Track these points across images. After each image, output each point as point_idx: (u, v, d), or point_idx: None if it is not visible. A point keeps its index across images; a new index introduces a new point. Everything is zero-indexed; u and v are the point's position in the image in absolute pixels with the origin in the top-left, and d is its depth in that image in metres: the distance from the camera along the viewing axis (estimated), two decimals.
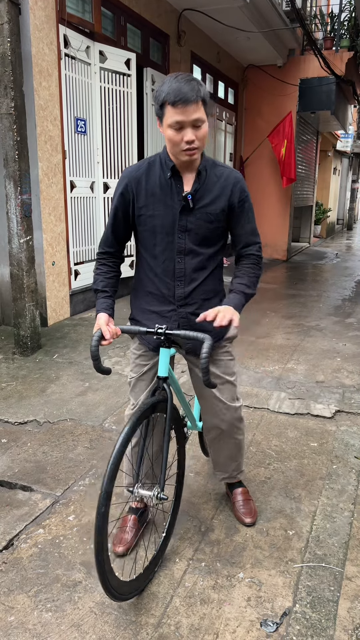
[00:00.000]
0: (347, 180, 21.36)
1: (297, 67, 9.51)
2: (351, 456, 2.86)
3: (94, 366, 1.81)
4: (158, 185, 1.88)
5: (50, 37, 4.69)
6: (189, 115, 1.70)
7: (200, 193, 1.87)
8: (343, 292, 7.44)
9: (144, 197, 1.89)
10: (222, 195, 1.88)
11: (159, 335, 1.79)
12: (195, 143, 1.75)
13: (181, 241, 1.90)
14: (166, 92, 1.69)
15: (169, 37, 6.95)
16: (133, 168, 1.92)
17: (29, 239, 4.23)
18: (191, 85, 1.68)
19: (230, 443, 2.23)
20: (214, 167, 1.91)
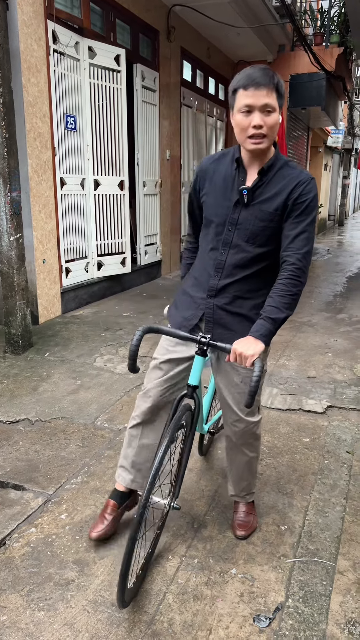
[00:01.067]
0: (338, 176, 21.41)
1: (287, 63, 9.51)
2: (343, 451, 2.88)
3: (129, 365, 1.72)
4: (223, 175, 1.88)
5: (38, 32, 4.66)
6: (259, 99, 1.68)
7: (259, 190, 1.81)
8: (334, 288, 7.47)
9: (207, 185, 1.91)
10: (282, 193, 1.79)
11: (202, 345, 1.75)
12: (263, 129, 1.70)
13: (229, 234, 1.86)
14: (240, 79, 1.71)
15: (159, 32, 6.92)
16: (207, 157, 1.97)
17: (19, 237, 4.20)
18: (265, 72, 1.69)
19: (240, 459, 2.13)
20: (284, 167, 1.83)
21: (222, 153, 1.93)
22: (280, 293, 1.76)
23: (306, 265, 1.78)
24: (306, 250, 1.78)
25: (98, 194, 5.93)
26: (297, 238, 1.78)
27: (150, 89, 6.88)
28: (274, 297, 1.76)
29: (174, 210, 8.00)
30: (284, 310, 1.74)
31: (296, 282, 1.76)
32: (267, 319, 1.74)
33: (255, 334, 1.71)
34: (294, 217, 1.79)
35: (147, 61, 6.80)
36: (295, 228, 1.78)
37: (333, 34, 9.57)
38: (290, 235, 1.79)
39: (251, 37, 8.21)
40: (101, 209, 6.02)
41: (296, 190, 1.78)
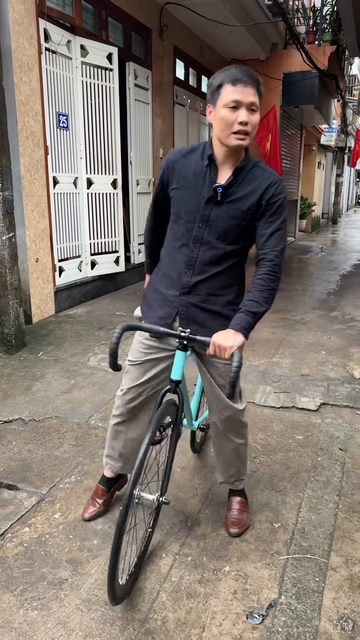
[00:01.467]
0: (332, 174, 21.47)
1: (280, 61, 9.52)
2: (336, 448, 2.89)
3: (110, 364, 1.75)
4: (193, 171, 1.87)
5: (30, 31, 4.64)
6: (247, 97, 1.71)
7: (233, 188, 1.83)
8: (328, 286, 7.49)
9: (176, 179, 1.91)
10: (255, 192, 1.82)
11: (182, 339, 1.76)
12: (247, 126, 1.73)
13: (200, 230, 1.87)
14: (225, 75, 1.72)
15: (151, 31, 6.91)
16: (174, 150, 1.96)
17: (11, 236, 4.19)
18: (250, 72, 1.72)
19: (227, 445, 2.15)
20: (255, 167, 1.87)
21: (192, 148, 1.93)
22: (259, 288, 1.80)
23: (282, 262, 1.85)
24: (281, 247, 1.85)
25: (91, 192, 5.92)
26: (272, 236, 1.83)
27: (143, 87, 6.86)
28: (254, 291, 1.80)
29: None
30: (263, 305, 1.78)
31: (274, 278, 1.82)
32: (247, 313, 1.76)
33: (235, 326, 1.73)
34: (267, 217, 1.83)
35: (139, 59, 6.79)
36: (270, 227, 1.83)
37: (325, 33, 9.59)
38: (265, 233, 1.83)
39: (244, 36, 8.22)
40: (94, 207, 6.01)
41: (269, 191, 1.82)
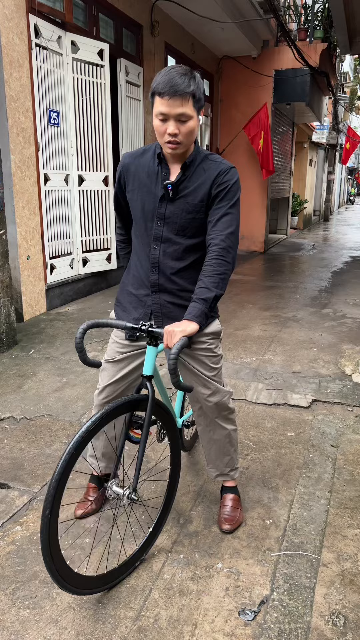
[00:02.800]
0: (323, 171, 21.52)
1: (272, 58, 9.52)
2: (327, 445, 2.90)
3: (80, 358, 1.79)
4: (146, 171, 1.90)
5: (20, 26, 4.60)
6: (174, 109, 1.69)
7: (183, 184, 1.86)
8: (319, 283, 7.52)
9: (132, 181, 1.94)
10: (205, 184, 1.85)
11: (142, 332, 1.77)
12: (178, 137, 1.74)
13: (158, 228, 1.90)
14: (157, 82, 1.69)
15: (142, 27, 6.88)
16: (128, 154, 1.97)
17: (2, 233, 4.16)
18: (183, 79, 1.67)
19: (219, 432, 2.17)
20: (205, 160, 1.88)
21: (144, 149, 1.96)
22: (208, 274, 1.80)
23: (231, 245, 1.83)
24: (230, 231, 1.83)
25: (82, 189, 5.90)
26: (220, 221, 1.83)
27: (135, 84, 6.84)
28: (203, 278, 1.81)
29: None
30: (213, 290, 1.78)
31: (222, 262, 1.81)
32: (198, 300, 1.77)
33: (187, 316, 1.75)
34: (216, 203, 1.85)
35: (131, 56, 6.76)
36: (218, 212, 1.84)
37: (317, 30, 9.59)
38: (213, 219, 1.85)
39: (235, 33, 8.21)
40: (86, 204, 5.99)
41: (217, 179, 1.84)
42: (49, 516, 1.55)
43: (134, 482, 1.84)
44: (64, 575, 1.64)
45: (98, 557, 2.05)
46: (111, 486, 1.83)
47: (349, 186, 40.55)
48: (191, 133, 1.77)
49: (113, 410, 1.74)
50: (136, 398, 1.83)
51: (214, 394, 2.08)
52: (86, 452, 2.27)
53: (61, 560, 1.62)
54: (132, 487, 1.83)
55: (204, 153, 1.90)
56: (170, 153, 1.81)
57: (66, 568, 1.65)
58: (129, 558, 1.95)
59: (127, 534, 2.17)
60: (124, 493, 1.81)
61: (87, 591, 1.77)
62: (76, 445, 1.62)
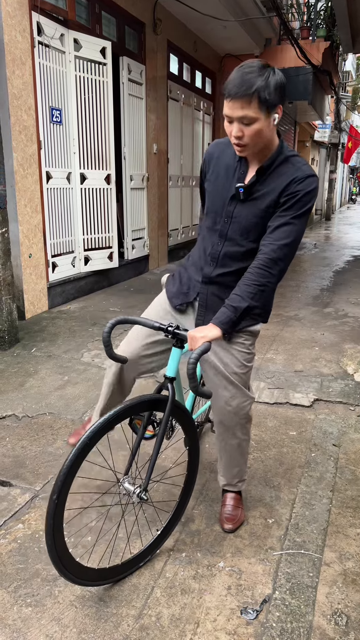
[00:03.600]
0: (325, 170, 21.49)
1: (274, 56, 9.50)
2: (329, 444, 2.90)
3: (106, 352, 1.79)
4: (225, 165, 1.88)
5: (23, 24, 4.60)
6: (235, 112, 1.64)
7: (255, 187, 1.81)
8: (321, 282, 7.51)
9: (211, 171, 1.92)
10: (275, 190, 1.77)
11: (167, 333, 1.76)
12: (243, 140, 1.69)
13: (225, 226, 1.88)
14: (227, 82, 1.64)
15: (145, 25, 6.87)
16: (215, 142, 1.96)
17: (4, 231, 4.16)
18: (247, 78, 1.58)
19: (232, 442, 2.11)
20: (285, 162, 1.79)
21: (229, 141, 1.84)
22: (246, 282, 1.75)
23: (281, 258, 1.74)
24: (285, 242, 1.74)
25: (84, 188, 5.89)
26: (278, 229, 1.75)
27: (137, 82, 6.83)
28: (241, 285, 1.76)
29: (161, 204, 7.98)
30: (247, 300, 1.73)
31: (265, 273, 1.74)
32: (228, 307, 1.74)
33: (214, 320, 1.73)
34: (281, 210, 1.76)
35: (133, 54, 6.76)
36: (279, 219, 1.75)
37: (319, 28, 9.58)
38: (272, 225, 1.77)
39: (238, 31, 8.19)
40: (88, 203, 5.99)
41: (289, 187, 1.75)
42: (56, 501, 1.56)
43: (145, 482, 1.83)
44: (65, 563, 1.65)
45: (102, 552, 2.05)
46: (123, 482, 1.82)
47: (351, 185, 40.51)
48: (258, 135, 1.68)
49: (131, 408, 1.74)
50: (157, 398, 1.83)
51: (235, 396, 1.99)
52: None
53: (64, 547, 1.63)
54: (143, 487, 1.82)
55: (286, 154, 1.80)
56: (239, 153, 1.77)
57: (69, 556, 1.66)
58: (133, 557, 1.94)
59: (133, 533, 2.16)
60: (134, 491, 1.81)
61: (87, 582, 1.77)
62: (91, 435, 1.63)
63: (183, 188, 8.96)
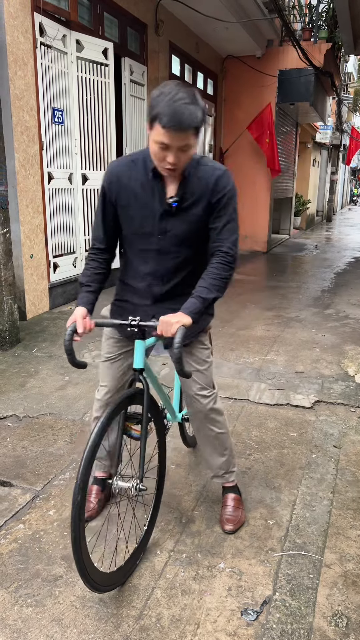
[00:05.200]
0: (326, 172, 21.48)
1: (276, 58, 9.50)
2: (330, 445, 2.90)
3: (68, 361, 1.80)
4: (140, 185, 1.85)
5: (25, 25, 4.61)
6: (175, 142, 1.65)
7: (183, 198, 1.84)
8: (322, 284, 7.51)
9: (125, 196, 1.87)
10: (204, 196, 1.83)
11: (133, 327, 1.79)
12: (177, 165, 1.72)
13: (160, 242, 1.89)
14: (161, 110, 1.60)
15: (147, 26, 6.88)
16: (115, 164, 1.90)
17: (5, 232, 4.17)
18: (189, 111, 1.61)
19: (208, 435, 2.19)
20: (198, 167, 1.84)
21: (131, 159, 1.89)
22: (212, 275, 1.83)
23: (236, 252, 1.87)
24: (234, 237, 1.87)
25: (86, 188, 5.90)
26: (225, 228, 1.86)
27: (139, 83, 6.84)
28: (207, 278, 1.83)
29: None
30: (214, 292, 1.81)
31: (227, 267, 1.85)
32: (197, 298, 1.79)
33: (184, 310, 1.77)
34: (217, 211, 1.85)
35: (135, 55, 6.76)
36: (221, 220, 1.85)
37: (321, 30, 9.58)
38: (217, 227, 1.86)
39: (240, 32, 8.20)
40: (89, 203, 5.99)
41: (216, 187, 1.83)
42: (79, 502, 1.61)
43: (140, 472, 1.84)
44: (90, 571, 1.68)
45: (107, 555, 2.05)
46: (116, 482, 1.84)
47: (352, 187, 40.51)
48: (190, 158, 1.74)
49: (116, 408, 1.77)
50: (132, 392, 1.85)
51: (204, 389, 2.11)
52: None
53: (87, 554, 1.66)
54: (139, 478, 1.83)
55: (195, 158, 1.85)
56: (167, 175, 1.78)
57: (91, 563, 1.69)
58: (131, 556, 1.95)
59: (130, 530, 2.17)
60: (132, 485, 1.82)
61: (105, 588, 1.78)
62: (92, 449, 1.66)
63: None
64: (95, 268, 1.99)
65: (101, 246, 1.99)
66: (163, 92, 1.63)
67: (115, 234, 1.99)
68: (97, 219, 1.97)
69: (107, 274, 2.03)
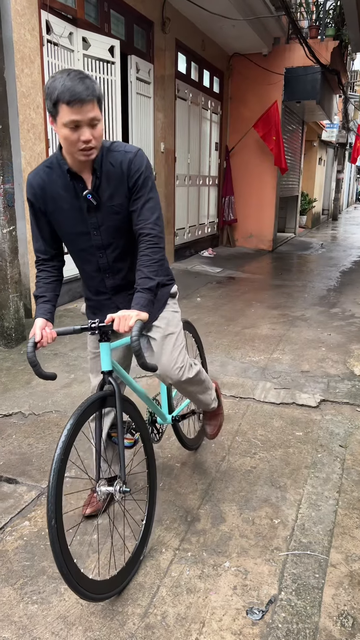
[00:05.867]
0: (332, 170, 21.41)
1: (283, 55, 9.47)
2: (336, 445, 2.89)
3: (35, 372, 1.77)
4: (62, 188, 1.84)
5: (32, 22, 4.60)
6: (86, 114, 1.64)
7: (101, 188, 1.82)
8: (328, 282, 7.48)
9: (51, 203, 1.87)
10: (121, 181, 1.82)
11: (93, 331, 1.77)
12: (92, 142, 1.70)
13: (97, 237, 1.90)
14: (60, 91, 1.61)
15: (154, 24, 6.86)
16: (33, 175, 1.88)
17: (12, 229, 4.17)
18: (86, 84, 1.62)
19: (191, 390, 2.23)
20: (108, 154, 1.82)
21: (45, 165, 1.87)
22: (146, 264, 1.81)
23: (161, 231, 1.85)
24: (156, 216, 1.85)
25: None
26: (144, 208, 1.83)
27: (145, 81, 6.83)
28: (142, 268, 1.81)
29: (168, 202, 7.97)
30: (155, 278, 1.81)
31: (156, 249, 1.83)
32: (143, 290, 1.79)
33: (136, 306, 1.75)
34: (136, 193, 1.83)
35: (141, 53, 6.75)
36: (139, 201, 1.83)
37: (328, 27, 9.54)
38: (137, 208, 1.84)
39: (246, 30, 8.17)
40: None
41: (130, 170, 1.81)
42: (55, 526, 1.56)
43: (122, 474, 1.82)
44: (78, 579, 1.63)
45: (105, 561, 2.05)
46: (100, 488, 1.81)
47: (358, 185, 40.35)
48: (101, 135, 1.74)
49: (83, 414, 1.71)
50: (101, 396, 1.80)
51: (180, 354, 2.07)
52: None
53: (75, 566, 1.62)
54: (122, 480, 1.82)
55: (105, 146, 1.84)
56: (85, 160, 1.75)
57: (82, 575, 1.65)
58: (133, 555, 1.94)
59: (126, 530, 2.16)
60: (116, 489, 1.81)
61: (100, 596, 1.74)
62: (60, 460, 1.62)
63: (190, 187, 8.95)
64: (46, 278, 1.99)
65: (45, 257, 1.99)
66: (55, 78, 1.64)
67: (55, 240, 1.98)
68: (34, 231, 1.96)
69: (59, 279, 2.03)
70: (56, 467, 1.60)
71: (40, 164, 1.91)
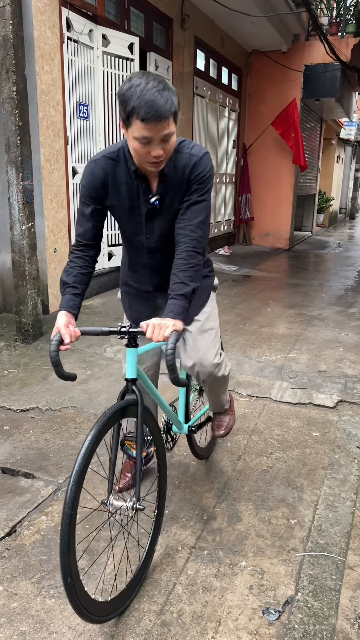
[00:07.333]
0: (350, 169, 21.21)
1: (302, 53, 9.39)
2: (353, 446, 2.86)
3: (56, 373, 1.69)
4: (124, 183, 1.78)
5: (52, 20, 4.62)
6: (160, 132, 1.58)
7: (165, 193, 1.79)
8: (345, 282, 7.42)
9: (111, 196, 1.82)
10: (181, 186, 1.77)
11: (123, 335, 1.67)
12: (162, 157, 1.65)
13: (149, 240, 1.89)
14: (136, 104, 1.52)
15: (173, 21, 6.85)
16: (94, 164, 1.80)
17: (30, 226, 4.20)
18: (164, 98, 1.53)
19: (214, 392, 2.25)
20: (175, 156, 1.75)
21: (108, 157, 1.78)
22: (181, 268, 1.74)
23: (202, 235, 1.77)
24: (199, 220, 1.77)
25: None
26: (190, 209, 1.77)
27: None
28: (177, 273, 1.74)
29: None
30: (190, 284, 1.73)
31: (193, 254, 1.75)
32: (177, 297, 1.71)
33: (171, 314, 1.66)
34: (188, 194, 1.77)
35: (160, 50, 6.74)
36: (189, 200, 1.77)
37: (349, 24, 9.43)
38: (183, 207, 1.78)
39: (266, 26, 8.11)
40: None
41: (193, 172, 1.75)
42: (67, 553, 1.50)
43: (137, 491, 1.74)
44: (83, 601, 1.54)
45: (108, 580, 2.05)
46: (111, 502, 1.70)
47: None
48: (173, 147, 1.69)
49: (105, 424, 1.62)
50: (124, 405, 1.71)
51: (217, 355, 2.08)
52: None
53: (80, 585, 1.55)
54: (136, 497, 1.73)
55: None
56: (154, 171, 1.71)
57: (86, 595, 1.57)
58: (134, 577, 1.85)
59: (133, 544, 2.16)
60: (128, 505, 1.71)
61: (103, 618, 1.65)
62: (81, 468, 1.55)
63: None
64: (82, 267, 1.87)
65: (87, 242, 1.88)
66: (132, 84, 1.54)
67: (100, 229, 1.90)
68: (80, 217, 1.88)
69: (92, 271, 1.92)
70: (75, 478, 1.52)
71: (100, 153, 1.82)
